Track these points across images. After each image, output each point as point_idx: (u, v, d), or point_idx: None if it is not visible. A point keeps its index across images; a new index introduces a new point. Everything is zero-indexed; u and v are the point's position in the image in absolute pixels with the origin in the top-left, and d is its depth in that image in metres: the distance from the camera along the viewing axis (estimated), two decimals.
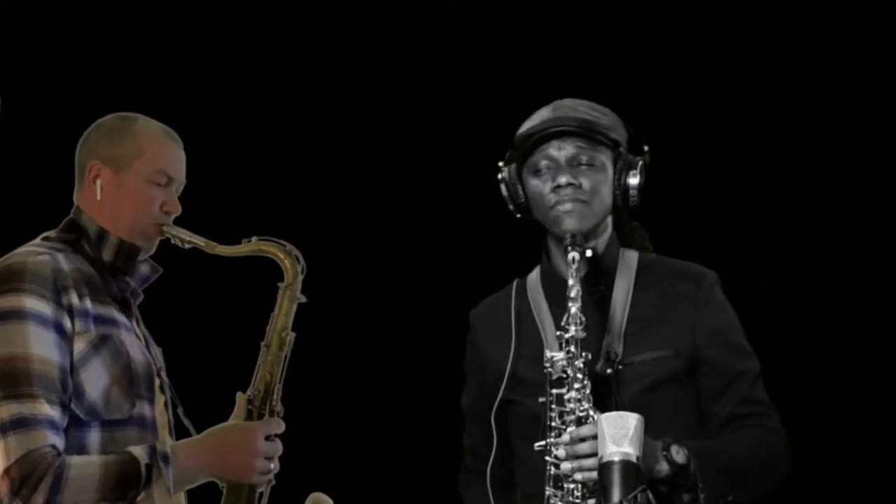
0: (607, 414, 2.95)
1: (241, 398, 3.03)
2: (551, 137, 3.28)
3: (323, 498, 3.08)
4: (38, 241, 3.02)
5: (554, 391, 3.14)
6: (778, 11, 4.48)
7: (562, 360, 3.13)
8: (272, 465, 2.96)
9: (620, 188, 3.30)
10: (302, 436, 3.10)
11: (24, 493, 2.75)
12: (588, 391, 3.11)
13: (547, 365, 3.16)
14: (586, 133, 3.27)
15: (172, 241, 3.08)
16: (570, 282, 3.16)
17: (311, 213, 4.46)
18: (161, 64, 4.51)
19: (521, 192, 3.33)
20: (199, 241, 3.07)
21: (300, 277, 3.09)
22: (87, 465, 2.79)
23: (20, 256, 2.90)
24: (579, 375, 3.11)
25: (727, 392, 3.25)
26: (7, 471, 2.75)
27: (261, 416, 3.01)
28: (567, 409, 3.11)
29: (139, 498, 2.81)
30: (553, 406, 3.13)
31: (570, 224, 3.25)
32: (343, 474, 4.18)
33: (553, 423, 3.13)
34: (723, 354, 3.26)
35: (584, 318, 3.14)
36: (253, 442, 2.92)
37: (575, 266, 3.17)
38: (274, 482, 3.00)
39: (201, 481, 2.93)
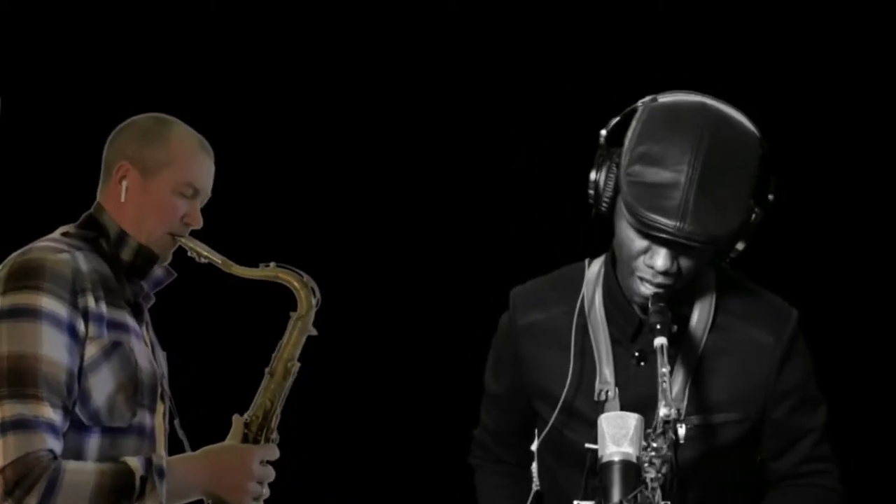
0: (607, 414, 2.89)
1: (237, 421, 3.02)
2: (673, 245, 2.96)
3: None
4: (57, 235, 2.98)
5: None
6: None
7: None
8: (263, 490, 2.96)
9: (727, 252, 3.08)
10: (295, 463, 3.10)
11: (17, 494, 2.72)
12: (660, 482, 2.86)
13: (616, 392, 3.05)
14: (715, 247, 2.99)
15: (189, 254, 3.06)
16: (662, 370, 2.84)
17: (333, 243, 4.45)
18: (158, 62, 4.48)
19: (607, 202, 3.04)
20: (217, 258, 3.05)
21: (313, 310, 3.08)
22: (81, 472, 2.77)
23: (40, 252, 2.87)
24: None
25: (790, 451, 3.13)
26: (2, 471, 2.73)
27: (256, 441, 3.01)
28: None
29: None
30: None
31: (648, 299, 3.01)
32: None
33: None
34: (792, 415, 3.12)
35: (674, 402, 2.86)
36: (249, 464, 2.92)
37: (664, 357, 2.87)
38: None
39: (194, 498, 2.93)
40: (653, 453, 2.80)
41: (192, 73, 4.48)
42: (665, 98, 3.05)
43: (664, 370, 2.82)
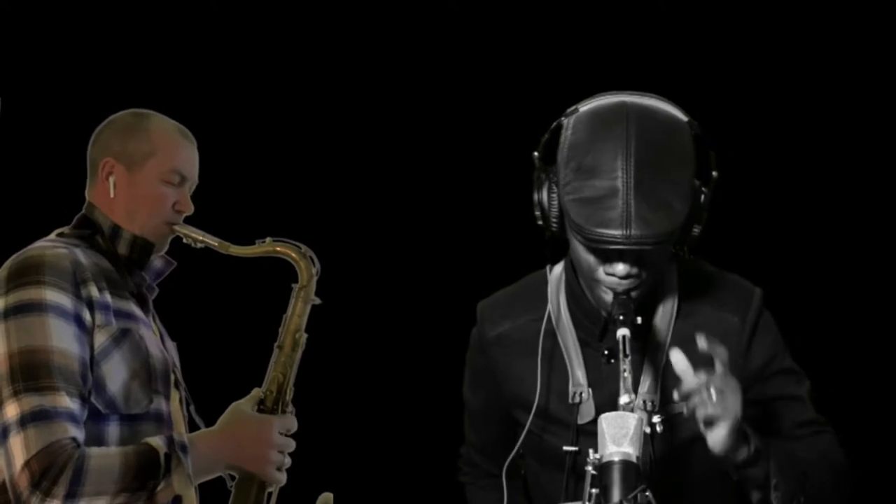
0: (607, 414, 2.85)
1: (256, 392, 3.03)
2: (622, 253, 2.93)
3: (332, 500, 3.07)
4: (52, 236, 3.01)
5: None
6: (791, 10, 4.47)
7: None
8: (285, 460, 2.97)
9: (684, 240, 3.04)
10: (311, 435, 3.10)
11: (44, 485, 2.72)
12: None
13: (590, 393, 3.02)
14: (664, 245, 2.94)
15: (185, 241, 3.08)
16: (624, 366, 2.82)
17: (324, 213, 4.47)
18: (166, 62, 4.50)
19: (555, 219, 3.03)
20: (212, 241, 3.07)
21: (315, 279, 3.10)
22: (106, 456, 2.78)
23: (38, 250, 2.89)
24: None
25: (776, 417, 3.09)
26: (27, 463, 2.72)
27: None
28: None
29: (158, 488, 2.79)
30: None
31: (613, 309, 2.97)
32: (351, 474, 4.20)
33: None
34: (769, 387, 3.09)
35: (647, 395, 2.98)
36: (269, 434, 2.93)
37: (627, 350, 2.86)
38: (284, 482, 2.99)
39: (218, 472, 2.93)
40: None
41: (191, 65, 4.51)
42: (586, 105, 3.03)
43: (625, 359, 2.82)
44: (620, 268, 2.95)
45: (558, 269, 3.19)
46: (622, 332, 2.88)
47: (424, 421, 4.43)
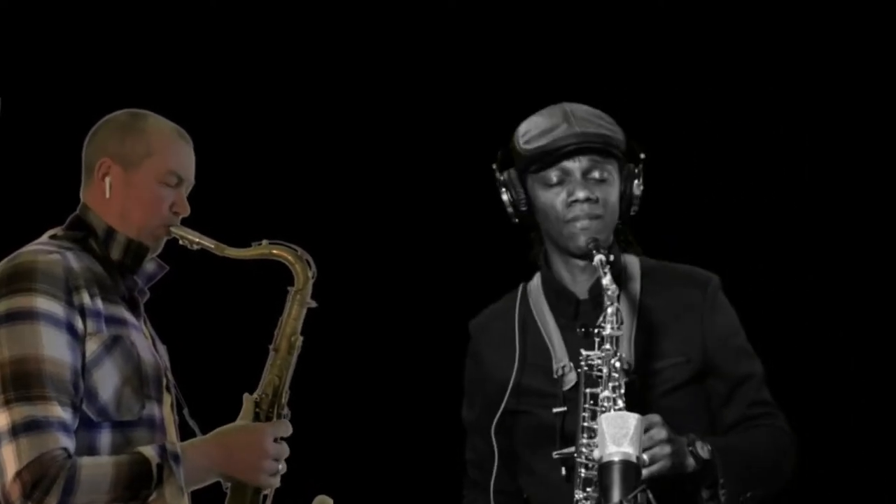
0: (607, 414, 2.99)
1: (248, 400, 3.01)
2: (573, 154, 3.26)
3: (327, 501, 3.07)
4: (45, 238, 2.98)
5: (588, 391, 3.13)
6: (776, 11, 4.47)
7: (597, 358, 3.13)
8: (280, 467, 2.95)
9: (626, 199, 3.33)
10: (306, 439, 3.08)
11: (36, 496, 2.72)
12: (622, 389, 3.12)
13: (572, 367, 3.20)
14: (606, 150, 3.28)
15: (181, 242, 3.06)
16: (605, 282, 3.14)
17: (320, 216, 4.47)
18: (164, 63, 4.49)
19: (523, 199, 3.32)
20: (209, 242, 3.04)
21: (311, 282, 3.07)
22: (98, 466, 2.77)
23: (30, 255, 2.86)
24: (615, 374, 3.12)
25: (735, 396, 3.30)
26: (19, 474, 2.72)
27: (268, 419, 3.00)
28: (602, 408, 3.10)
29: (150, 498, 2.79)
30: (586, 406, 3.13)
31: (586, 241, 3.25)
32: (347, 477, 4.20)
33: (585, 424, 3.12)
34: (730, 360, 3.30)
35: (622, 318, 3.15)
36: (262, 443, 2.91)
37: (605, 269, 3.17)
38: (278, 485, 2.98)
39: (211, 480, 2.92)
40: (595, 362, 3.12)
41: (189, 67, 4.51)
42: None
43: (605, 273, 3.14)
44: (581, 191, 3.24)
45: (536, 278, 3.41)
46: (599, 257, 3.17)
47: (420, 423, 4.45)
